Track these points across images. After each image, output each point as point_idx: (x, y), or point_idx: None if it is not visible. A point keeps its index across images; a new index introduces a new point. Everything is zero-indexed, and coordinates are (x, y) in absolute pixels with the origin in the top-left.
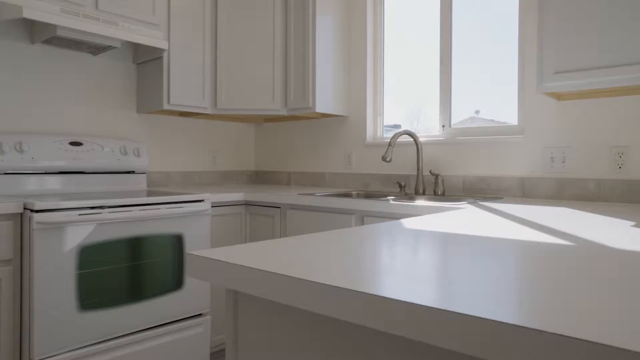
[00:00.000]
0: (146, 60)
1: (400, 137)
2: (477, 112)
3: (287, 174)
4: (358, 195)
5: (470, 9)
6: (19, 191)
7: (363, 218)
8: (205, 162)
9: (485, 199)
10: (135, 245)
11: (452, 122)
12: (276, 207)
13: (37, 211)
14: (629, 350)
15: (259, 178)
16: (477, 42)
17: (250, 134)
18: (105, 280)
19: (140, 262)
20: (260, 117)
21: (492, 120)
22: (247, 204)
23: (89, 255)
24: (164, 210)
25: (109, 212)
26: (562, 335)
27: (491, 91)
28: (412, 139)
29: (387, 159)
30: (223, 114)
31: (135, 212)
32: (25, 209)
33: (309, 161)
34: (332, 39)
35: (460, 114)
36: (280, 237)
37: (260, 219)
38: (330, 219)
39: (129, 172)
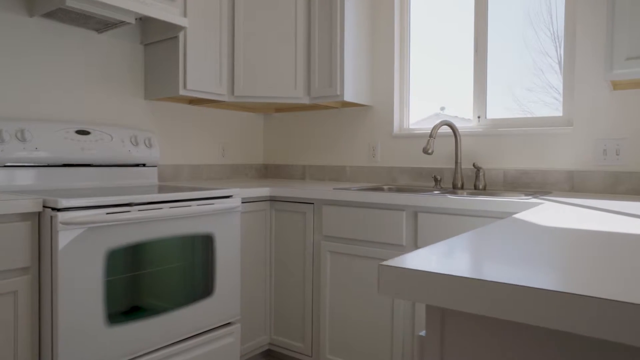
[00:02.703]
0: (157, 41)
1: (423, 130)
2: (442, 108)
3: (302, 167)
4: (390, 190)
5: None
6: (22, 186)
7: (417, 214)
8: (214, 154)
9: (536, 192)
10: (164, 248)
11: (415, 119)
12: (308, 203)
13: (60, 210)
14: None
15: (269, 172)
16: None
17: (258, 125)
18: (134, 288)
19: (169, 266)
20: (272, 106)
21: (456, 117)
22: (272, 199)
23: (117, 260)
24: (195, 207)
25: (138, 211)
26: None
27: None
28: (451, 130)
29: (429, 151)
30: (239, 102)
31: (166, 210)
32: (44, 207)
33: (327, 154)
34: (356, 22)
35: (424, 111)
36: (313, 235)
37: (288, 216)
38: (376, 215)
39: (138, 165)
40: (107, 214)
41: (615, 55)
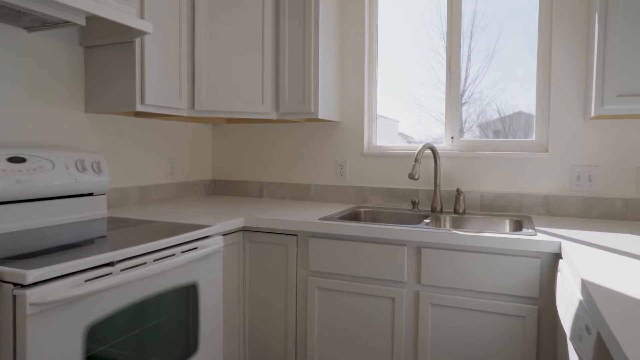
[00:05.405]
0: (103, 44)
1: (397, 149)
2: None
3: (259, 184)
4: (366, 214)
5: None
6: None
7: (420, 250)
8: (162, 172)
9: (519, 217)
10: (147, 308)
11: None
12: (291, 234)
13: (28, 286)
14: None
15: (219, 188)
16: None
17: (206, 136)
18: None
19: (151, 329)
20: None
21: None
22: (245, 229)
23: (96, 333)
24: (180, 256)
25: (121, 271)
26: None
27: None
28: (431, 152)
29: (416, 177)
30: (201, 117)
31: (151, 265)
32: (2, 281)
33: (288, 170)
34: (326, 35)
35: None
36: (297, 270)
37: (266, 249)
38: (373, 250)
39: (84, 195)
40: (86, 281)
41: (607, 92)
